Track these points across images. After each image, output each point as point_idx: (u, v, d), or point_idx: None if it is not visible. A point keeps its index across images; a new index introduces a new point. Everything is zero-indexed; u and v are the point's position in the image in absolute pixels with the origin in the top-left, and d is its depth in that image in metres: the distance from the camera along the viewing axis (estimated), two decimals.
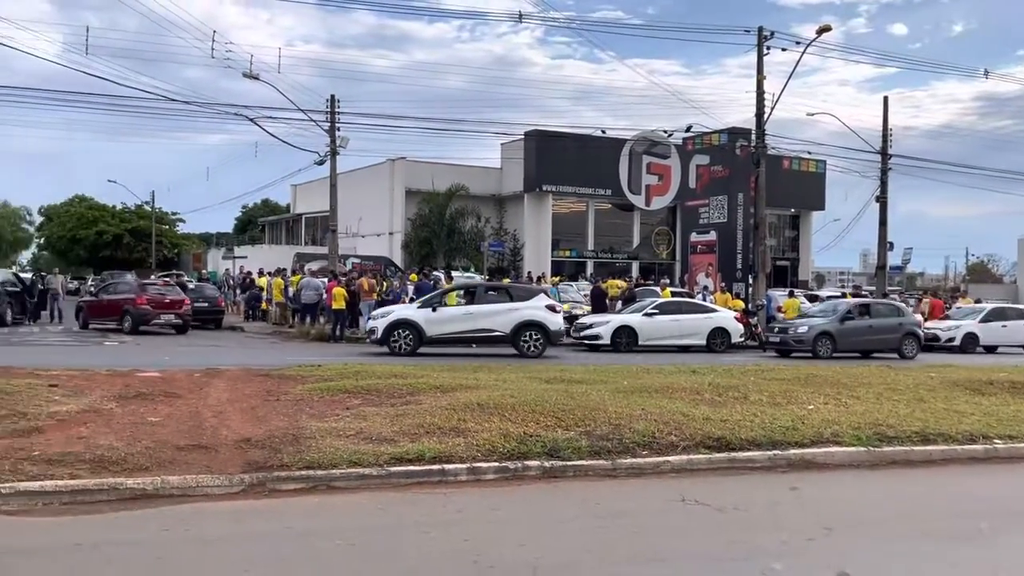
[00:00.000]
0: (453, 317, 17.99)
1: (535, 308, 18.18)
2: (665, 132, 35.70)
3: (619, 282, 29.21)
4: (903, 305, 23.02)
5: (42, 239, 73.91)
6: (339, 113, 28.19)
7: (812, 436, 8.12)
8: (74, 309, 25.73)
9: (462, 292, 19.34)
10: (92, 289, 31.10)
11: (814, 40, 25.38)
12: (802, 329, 20.52)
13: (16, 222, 74.06)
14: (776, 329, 21.33)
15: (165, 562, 4.78)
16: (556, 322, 18.27)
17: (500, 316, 18.00)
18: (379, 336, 17.87)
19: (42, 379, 10.25)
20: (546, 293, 19.34)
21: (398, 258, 41.30)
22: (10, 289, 24.22)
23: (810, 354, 19.73)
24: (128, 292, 23.55)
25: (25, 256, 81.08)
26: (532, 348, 17.84)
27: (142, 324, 21.95)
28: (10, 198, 76.38)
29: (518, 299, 18.52)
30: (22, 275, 29.62)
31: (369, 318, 19.22)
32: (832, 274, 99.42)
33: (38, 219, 73.58)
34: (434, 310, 18.01)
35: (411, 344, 17.59)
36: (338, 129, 28.18)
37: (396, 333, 17.68)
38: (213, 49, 33.59)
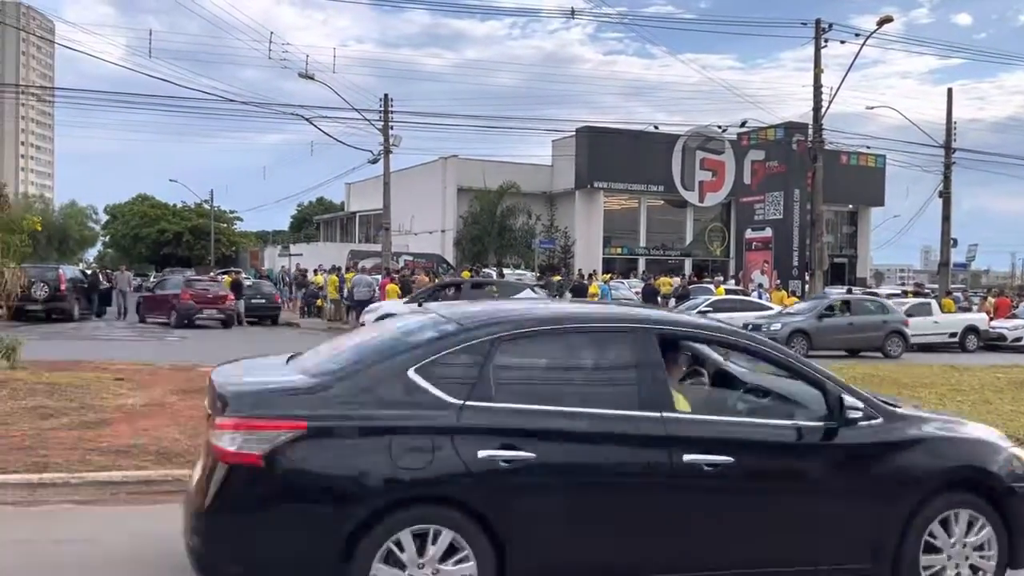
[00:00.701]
0: None
1: None
2: (719, 127, 35.28)
3: (670, 279, 28.99)
4: (888, 302, 22.06)
5: (107, 237, 76.54)
6: (392, 112, 28.55)
7: None
8: (135, 304, 26.74)
9: (450, 289, 19.66)
10: (150, 285, 32.23)
11: (874, 32, 24.81)
12: (775, 327, 19.47)
13: (83, 220, 76.65)
14: (750, 327, 20.40)
15: None
16: None
17: None
18: None
19: (109, 373, 10.61)
20: (531, 288, 19.30)
21: (450, 256, 41.58)
22: (78, 285, 25.11)
23: None
24: (175, 288, 24.43)
25: (91, 253, 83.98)
26: None
27: (186, 318, 22.70)
28: (77, 197, 79.29)
29: (504, 295, 18.55)
30: (87, 272, 30.79)
31: (365, 312, 19.55)
32: (892, 271, 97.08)
33: (103, 217, 76.21)
34: (420, 305, 18.10)
35: None
36: (391, 128, 28.52)
37: None
38: (270, 50, 34.30)
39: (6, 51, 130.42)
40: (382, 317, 17.98)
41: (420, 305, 20.51)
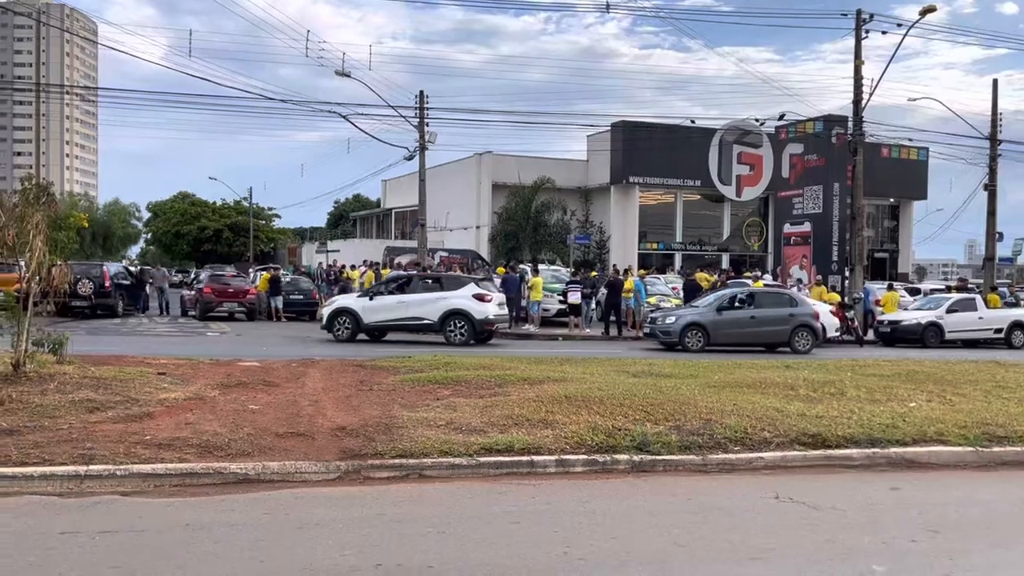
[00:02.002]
0: (387, 306, 18.60)
1: (462, 297, 18.46)
2: (757, 121, 34.79)
3: (708, 275, 28.70)
4: (797, 294, 21.30)
5: (149, 234, 77.93)
6: (428, 109, 28.62)
7: (914, 434, 7.81)
8: (178, 300, 27.72)
9: (399, 281, 20.02)
10: (189, 280, 33.85)
11: (917, 22, 24.30)
12: (669, 320, 18.83)
13: (126, 218, 78.10)
14: (649, 320, 19.68)
15: (267, 544, 4.98)
16: (482, 311, 18.34)
17: (429, 305, 18.45)
18: (324, 323, 18.72)
19: (151, 367, 10.81)
20: (476, 283, 19.30)
21: (485, 251, 41.63)
22: (121, 282, 25.66)
23: (679, 347, 18.09)
24: (201, 284, 26.12)
25: (134, 250, 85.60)
26: (457, 336, 18.13)
27: (208, 311, 24.36)
28: (120, 195, 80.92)
29: (447, 289, 18.94)
30: (131, 268, 31.63)
31: (326, 305, 20.17)
32: (935, 266, 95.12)
33: (146, 215, 77.65)
34: (371, 299, 18.77)
35: (349, 330, 18.33)
36: (427, 124, 28.60)
37: (338, 320, 18.47)
38: (307, 48, 34.62)
39: (51, 52, 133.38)
40: (336, 310, 18.56)
41: (371, 299, 20.97)
